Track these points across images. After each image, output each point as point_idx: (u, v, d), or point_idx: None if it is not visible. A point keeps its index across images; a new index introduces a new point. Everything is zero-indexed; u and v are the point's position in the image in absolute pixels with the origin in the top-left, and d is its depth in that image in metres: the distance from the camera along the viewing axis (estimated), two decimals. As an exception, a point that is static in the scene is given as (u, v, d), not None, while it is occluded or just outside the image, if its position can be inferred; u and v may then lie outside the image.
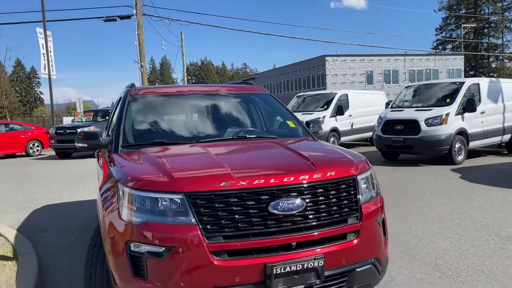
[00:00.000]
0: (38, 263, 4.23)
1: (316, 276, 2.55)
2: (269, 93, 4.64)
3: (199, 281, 2.43)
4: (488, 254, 4.35)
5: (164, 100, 4.20)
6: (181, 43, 36.01)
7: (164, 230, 2.48)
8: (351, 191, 2.81)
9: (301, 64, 54.09)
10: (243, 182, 2.55)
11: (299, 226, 2.58)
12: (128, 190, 2.65)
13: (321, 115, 14.28)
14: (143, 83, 23.30)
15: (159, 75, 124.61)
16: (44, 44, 20.84)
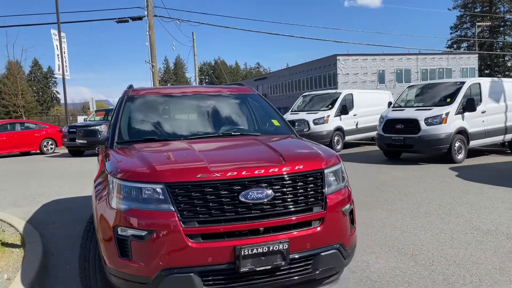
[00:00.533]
0: (44, 251, 4.60)
1: (282, 258, 2.85)
2: (258, 94, 4.95)
3: (176, 261, 2.74)
4: (463, 246, 4.59)
5: (157, 101, 4.54)
6: (192, 43, 36.49)
7: (146, 216, 2.80)
8: (318, 183, 3.10)
9: (313, 64, 54.20)
10: (218, 174, 2.86)
11: (266, 213, 2.88)
12: (117, 181, 2.98)
13: (325, 114, 14.53)
14: (154, 83, 23.78)
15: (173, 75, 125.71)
16: (58, 45, 21.45)
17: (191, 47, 36.27)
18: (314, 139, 13.62)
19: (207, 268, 2.75)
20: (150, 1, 23.28)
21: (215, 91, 4.90)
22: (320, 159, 3.24)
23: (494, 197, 6.81)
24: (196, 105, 4.53)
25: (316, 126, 14.28)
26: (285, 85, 59.82)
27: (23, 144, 17.79)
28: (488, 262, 4.10)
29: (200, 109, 4.49)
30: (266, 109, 4.71)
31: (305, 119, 14.49)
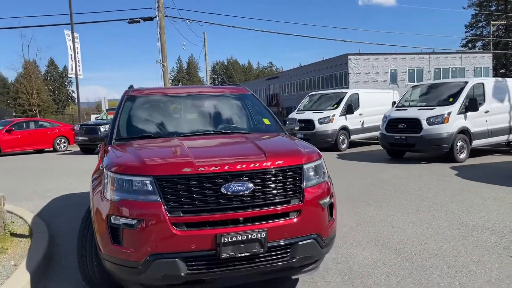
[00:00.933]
0: (49, 241, 4.91)
1: (260, 246, 3.08)
2: (251, 94, 5.19)
3: (162, 247, 3.00)
4: (447, 241, 4.77)
5: (155, 100, 4.82)
6: (203, 43, 36.86)
7: (136, 206, 3.06)
8: (296, 177, 3.33)
9: (324, 63, 54.20)
10: (202, 168, 3.11)
11: (246, 204, 3.12)
12: (111, 174, 3.25)
13: (330, 113, 14.70)
14: (164, 82, 24.17)
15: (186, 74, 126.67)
16: (71, 46, 21.97)
17: (202, 47, 36.62)
18: (319, 138, 13.90)
19: (190, 254, 3.00)
20: (161, 2, 23.66)
21: (209, 91, 5.16)
22: (300, 155, 3.47)
23: (488, 195, 6.95)
24: (191, 105, 4.80)
25: (321, 125, 14.46)
26: (296, 85, 59.91)
27: (37, 142, 18.30)
28: (468, 256, 4.29)
29: (194, 108, 4.76)
30: (259, 108, 4.95)
31: (311, 118, 14.69)
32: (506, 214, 5.76)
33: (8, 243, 4.69)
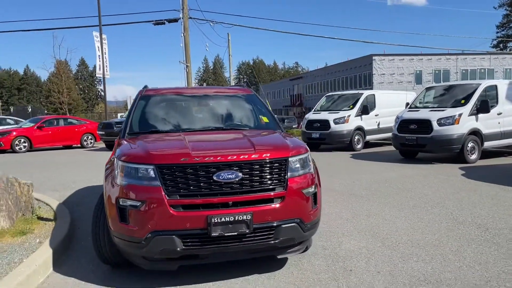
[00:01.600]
0: (71, 224, 5.48)
1: (246, 227, 3.53)
2: (254, 94, 5.64)
3: (162, 225, 3.48)
4: (432, 233, 5.10)
5: (165, 99, 5.34)
6: (227, 44, 37.47)
7: (140, 190, 3.56)
8: (282, 168, 3.76)
9: (348, 64, 54.10)
10: (197, 158, 3.59)
11: (235, 190, 3.57)
12: (120, 163, 3.77)
13: (346, 114, 14.99)
14: (188, 82, 24.86)
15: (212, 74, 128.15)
16: (99, 47, 22.92)
17: (226, 48, 37.23)
18: (334, 138, 14.23)
19: (185, 232, 3.48)
20: (185, 4, 24.36)
21: (216, 92, 5.65)
22: (286, 150, 3.90)
23: (487, 194, 7.18)
24: (197, 104, 5.30)
25: (336, 125, 14.76)
26: (320, 85, 59.97)
27: (66, 138, 19.24)
28: (447, 246, 4.62)
29: (200, 107, 5.26)
30: (260, 107, 5.40)
31: (326, 118, 15.01)
32: (498, 211, 6.02)
33: (35, 225, 5.29)
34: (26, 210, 5.61)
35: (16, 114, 44.11)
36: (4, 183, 5.11)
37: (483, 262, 4.11)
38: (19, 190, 5.44)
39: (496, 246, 4.57)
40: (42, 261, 4.07)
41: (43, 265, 4.06)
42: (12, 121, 22.35)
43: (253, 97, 5.58)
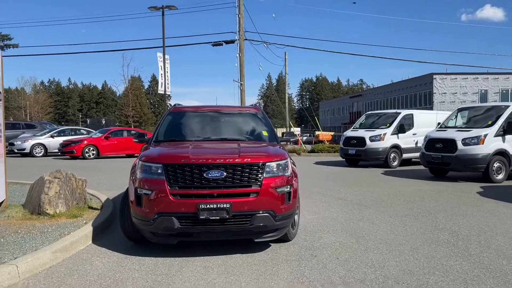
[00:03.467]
0: (112, 213, 6.87)
1: (226, 213, 4.63)
2: (261, 112, 6.77)
3: (164, 208, 4.68)
4: (406, 235, 5.88)
5: (187, 115, 6.62)
6: (284, 62, 38.91)
7: (150, 182, 4.81)
8: (259, 170, 4.84)
9: (408, 82, 53.42)
10: (193, 160, 4.78)
11: (220, 185, 4.70)
12: (140, 162, 5.05)
13: (382, 132, 15.59)
14: (242, 100, 26.42)
15: (275, 91, 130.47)
16: (162, 66, 25.22)
17: (283, 66, 38.65)
18: (369, 155, 14.98)
19: (181, 214, 4.66)
20: (241, 27, 26.10)
21: (228, 109, 6.86)
22: (265, 157, 4.98)
23: (487, 209, 7.68)
24: (212, 119, 6.53)
25: (372, 142, 15.40)
26: (380, 103, 59.51)
27: (128, 147, 21.36)
28: (409, 244, 5.41)
29: (213, 121, 6.48)
30: (263, 123, 6.52)
31: (363, 136, 15.70)
32: (482, 223, 6.60)
33: (85, 212, 6.74)
34: (80, 200, 7.10)
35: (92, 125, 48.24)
36: (63, 177, 6.62)
37: (431, 257, 4.89)
38: (75, 184, 6.94)
39: (453, 247, 5.29)
40: (84, 234, 5.43)
41: (84, 237, 5.42)
42: (85, 131, 25.09)
43: (259, 115, 6.72)
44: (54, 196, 6.37)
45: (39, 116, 78.90)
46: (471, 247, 5.28)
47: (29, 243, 5.02)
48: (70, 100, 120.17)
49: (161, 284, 4.09)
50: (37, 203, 6.40)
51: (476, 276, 4.27)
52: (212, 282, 4.14)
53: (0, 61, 7.07)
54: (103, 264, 4.69)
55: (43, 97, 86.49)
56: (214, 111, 6.75)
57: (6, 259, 4.40)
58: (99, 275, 4.33)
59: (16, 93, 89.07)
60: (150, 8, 24.09)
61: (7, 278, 4.05)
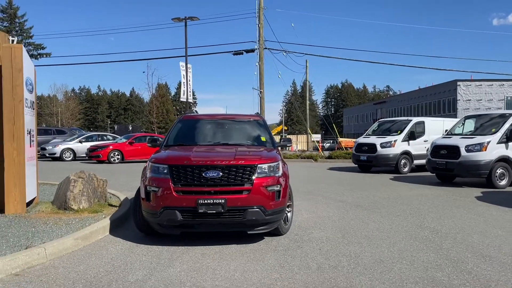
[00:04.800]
0: (128, 210, 7.67)
1: (222, 208, 5.35)
2: (262, 120, 7.48)
3: (169, 203, 5.43)
4: (389, 232, 6.45)
5: (195, 122, 7.41)
6: (305, 70, 39.49)
7: (157, 180, 5.58)
8: (251, 171, 5.55)
9: (431, 89, 53.13)
10: (194, 162, 5.54)
11: (216, 183, 5.43)
12: (150, 163, 5.85)
13: (392, 139, 16.04)
14: (261, 107, 27.18)
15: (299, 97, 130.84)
16: (184, 75, 26.27)
17: (304, 74, 39.26)
18: (380, 161, 15.48)
19: (183, 208, 5.41)
20: (261, 36, 26.93)
21: (232, 117, 7.61)
22: (257, 159, 5.69)
23: (476, 211, 8.15)
24: (217, 125, 7.28)
25: (383, 149, 15.86)
26: (403, 110, 59.28)
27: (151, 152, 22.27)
28: (389, 239, 5.99)
29: (217, 128, 7.23)
30: (262, 130, 7.23)
31: (374, 142, 16.19)
32: (466, 223, 7.10)
33: (105, 208, 7.58)
34: (101, 198, 7.96)
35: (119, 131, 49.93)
36: (86, 177, 7.50)
37: (404, 250, 5.47)
38: (96, 183, 7.81)
39: (428, 242, 5.85)
40: (102, 226, 6.25)
41: (102, 229, 6.24)
42: (111, 137, 26.34)
43: (260, 122, 7.44)
44: (78, 194, 7.24)
45: (69, 122, 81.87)
46: (445, 243, 5.83)
47: (56, 232, 5.87)
48: (99, 106, 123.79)
49: (163, 265, 4.84)
50: (63, 200, 7.29)
51: (438, 265, 4.85)
52: (206, 265, 4.85)
53: (34, 73, 8.04)
54: (116, 250, 5.48)
55: (73, 104, 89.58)
56: (219, 119, 7.51)
57: (36, 243, 5.24)
58: (112, 258, 5.12)
59: (48, 100, 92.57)
60: (173, 19, 25.19)
61: (37, 258, 4.88)
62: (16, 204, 7.01)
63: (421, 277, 4.46)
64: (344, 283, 4.29)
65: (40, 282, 4.27)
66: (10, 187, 6.97)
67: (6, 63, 6.93)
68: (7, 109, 6.94)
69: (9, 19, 63.45)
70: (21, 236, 5.63)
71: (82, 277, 4.45)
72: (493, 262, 4.97)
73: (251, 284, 4.24)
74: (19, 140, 7.03)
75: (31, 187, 7.63)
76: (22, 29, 63.81)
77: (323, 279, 4.39)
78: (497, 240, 5.97)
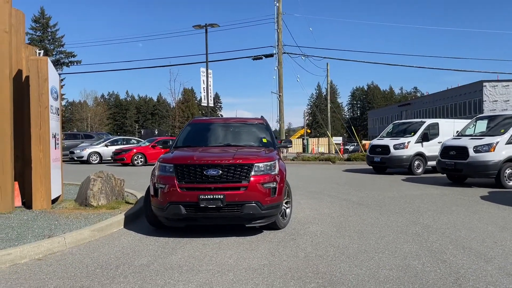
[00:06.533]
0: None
1: (221, 203, 5.90)
2: (264, 123, 8.01)
3: (174, 198, 6.01)
4: (382, 227, 6.85)
5: (202, 125, 8.01)
6: (326, 73, 39.76)
7: (164, 178, 6.18)
8: (249, 169, 6.08)
9: (456, 90, 52.39)
10: (197, 161, 6.11)
11: (216, 180, 5.99)
12: (158, 163, 6.46)
13: (406, 140, 16.25)
14: (280, 110, 27.69)
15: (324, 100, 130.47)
16: (205, 80, 27.07)
17: (325, 77, 39.54)
18: (393, 162, 15.76)
19: (186, 203, 5.98)
20: (280, 41, 27.46)
21: (236, 121, 8.17)
22: (254, 159, 6.21)
23: (475, 209, 8.42)
24: (222, 128, 7.86)
25: (396, 150, 16.10)
26: (428, 112, 58.58)
27: (173, 156, 23.24)
28: (380, 233, 6.40)
29: (224, 131, 7.80)
30: (264, 132, 7.76)
31: (387, 144, 16.45)
32: (460, 220, 7.41)
33: (122, 205, 8.25)
34: (118, 196, 8.65)
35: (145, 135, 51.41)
36: (105, 177, 8.19)
37: (390, 242, 5.88)
38: (114, 182, 8.50)
39: (415, 236, 6.23)
40: (117, 221, 6.91)
41: (117, 223, 6.89)
42: (135, 141, 27.36)
43: (262, 124, 7.97)
44: (97, 192, 7.94)
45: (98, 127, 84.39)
46: (432, 237, 6.20)
47: (76, 224, 6.55)
48: (127, 111, 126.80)
49: (167, 253, 5.42)
50: (84, 197, 8.00)
51: (417, 255, 5.25)
52: (205, 253, 5.41)
53: (58, 82, 8.83)
54: (128, 241, 6.11)
55: (102, 110, 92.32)
56: (225, 123, 8.09)
57: (57, 233, 5.92)
58: (123, 247, 5.75)
59: (79, 106, 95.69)
60: (194, 26, 26.03)
61: (57, 246, 5.55)
62: (42, 201, 7.76)
63: (398, 264, 4.88)
64: (325, 268, 4.77)
65: (58, 265, 4.92)
66: (37, 186, 7.73)
67: (33, 74, 7.70)
68: (34, 115, 7.71)
69: (42, 29, 66.15)
70: (45, 227, 6.34)
71: (94, 261, 5.08)
72: (471, 253, 5.34)
73: (241, 269, 4.77)
74: (45, 143, 7.79)
75: (56, 186, 8.38)
76: (54, 38, 66.42)
77: (307, 265, 4.87)
78: (483, 235, 6.29)
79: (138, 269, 4.77)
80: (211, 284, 4.30)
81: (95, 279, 4.46)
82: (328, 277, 4.48)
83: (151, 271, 4.70)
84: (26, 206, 7.98)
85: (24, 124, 8.01)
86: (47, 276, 4.55)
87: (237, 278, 4.48)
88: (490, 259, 5.06)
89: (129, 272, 4.68)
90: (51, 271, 4.71)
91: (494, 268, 4.73)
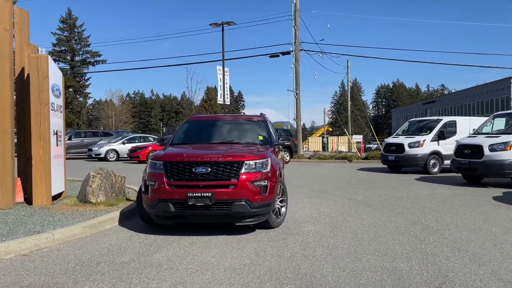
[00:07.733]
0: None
1: (209, 201, 5.81)
2: (263, 120, 7.87)
3: (163, 196, 5.96)
4: (379, 227, 6.63)
5: (200, 122, 7.94)
6: (347, 70, 39.24)
7: (154, 175, 6.14)
8: (239, 167, 5.97)
9: (483, 87, 50.91)
10: (186, 158, 6.04)
11: (205, 178, 5.90)
12: (150, 160, 6.43)
13: (421, 138, 15.81)
14: (297, 108, 27.45)
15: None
16: (221, 78, 27.09)
17: (345, 74, 39.01)
18: (408, 161, 15.41)
19: (175, 201, 5.92)
20: (297, 38, 27.20)
21: (234, 118, 8.06)
22: (245, 156, 6.10)
23: (482, 210, 8.08)
24: (218, 126, 7.77)
25: (411, 149, 15.68)
26: (454, 109, 57.12)
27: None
28: (375, 234, 6.19)
29: (219, 128, 7.71)
30: (262, 129, 7.62)
31: (402, 142, 16.04)
32: (464, 221, 7.11)
33: (121, 202, 8.27)
34: (118, 193, 8.68)
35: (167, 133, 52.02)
36: (104, 174, 8.23)
37: (383, 243, 5.67)
38: (114, 179, 8.53)
39: (411, 237, 6.00)
40: (111, 217, 6.91)
41: (111, 219, 6.89)
42: (152, 138, 27.61)
43: (261, 122, 7.84)
44: (96, 188, 7.98)
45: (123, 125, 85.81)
46: (429, 238, 5.96)
47: (70, 221, 6.59)
48: (152, 110, 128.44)
49: (151, 251, 5.37)
50: (83, 194, 8.05)
51: (407, 257, 5.04)
52: (189, 252, 5.33)
53: (61, 79, 8.91)
54: (117, 238, 6.10)
55: (126, 108, 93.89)
56: (223, 120, 8.00)
57: (48, 230, 5.96)
58: (110, 244, 5.73)
59: (105, 104, 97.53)
60: (211, 24, 26.08)
61: (45, 242, 5.57)
62: (42, 197, 7.86)
63: (384, 266, 4.69)
64: (307, 269, 4.62)
65: (41, 262, 4.93)
66: (37, 182, 7.82)
67: (33, 71, 7.79)
68: (34, 112, 7.80)
69: (69, 29, 67.53)
70: (38, 223, 6.39)
71: (77, 258, 5.07)
72: (465, 256, 5.09)
73: (220, 268, 4.67)
74: (45, 140, 7.87)
75: (58, 182, 8.47)
76: (80, 38, 67.73)
77: (289, 266, 4.73)
78: (484, 237, 6.01)
79: (117, 267, 4.73)
80: (185, 283, 4.22)
81: (71, 276, 4.45)
82: (308, 278, 4.33)
83: (130, 269, 4.65)
84: (28, 202, 8.09)
85: (27, 122, 8.12)
86: (26, 272, 4.56)
87: (214, 277, 4.38)
88: (484, 263, 4.81)
89: (107, 269, 4.65)
90: (31, 267, 4.73)
91: (486, 273, 4.48)
